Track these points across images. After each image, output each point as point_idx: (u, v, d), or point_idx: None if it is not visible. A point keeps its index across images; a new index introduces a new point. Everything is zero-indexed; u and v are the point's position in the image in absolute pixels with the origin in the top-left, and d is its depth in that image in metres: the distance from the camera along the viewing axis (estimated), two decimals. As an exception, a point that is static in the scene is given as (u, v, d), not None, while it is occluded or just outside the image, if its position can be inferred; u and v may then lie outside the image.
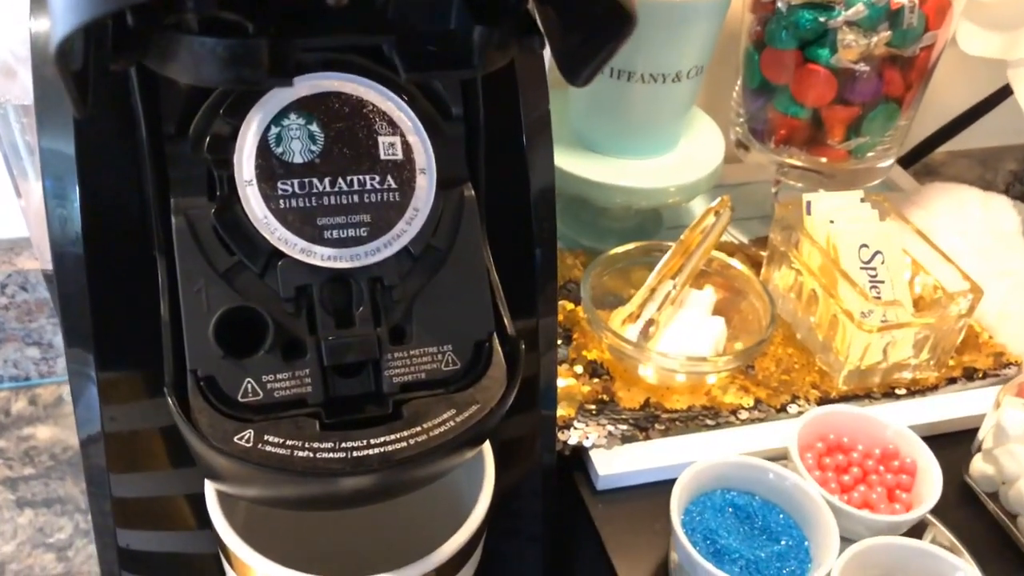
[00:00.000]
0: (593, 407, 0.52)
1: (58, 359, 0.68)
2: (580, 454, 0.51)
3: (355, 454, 0.29)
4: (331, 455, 0.29)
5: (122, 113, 0.32)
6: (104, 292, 0.35)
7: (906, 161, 0.80)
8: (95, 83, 0.28)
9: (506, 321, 0.33)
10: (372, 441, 0.29)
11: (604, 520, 0.49)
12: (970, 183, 0.74)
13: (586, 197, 0.62)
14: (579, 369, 0.55)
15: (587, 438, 0.50)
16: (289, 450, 0.28)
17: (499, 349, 0.32)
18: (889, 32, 0.56)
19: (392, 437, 0.29)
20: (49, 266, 0.49)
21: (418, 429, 0.30)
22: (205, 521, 0.40)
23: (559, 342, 0.57)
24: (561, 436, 0.50)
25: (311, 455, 0.28)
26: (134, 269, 0.34)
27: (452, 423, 0.30)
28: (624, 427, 0.51)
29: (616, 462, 0.50)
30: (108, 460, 0.39)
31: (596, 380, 0.54)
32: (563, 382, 0.54)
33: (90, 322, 0.35)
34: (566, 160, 0.61)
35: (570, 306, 0.59)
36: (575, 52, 0.29)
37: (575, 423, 0.51)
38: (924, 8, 0.57)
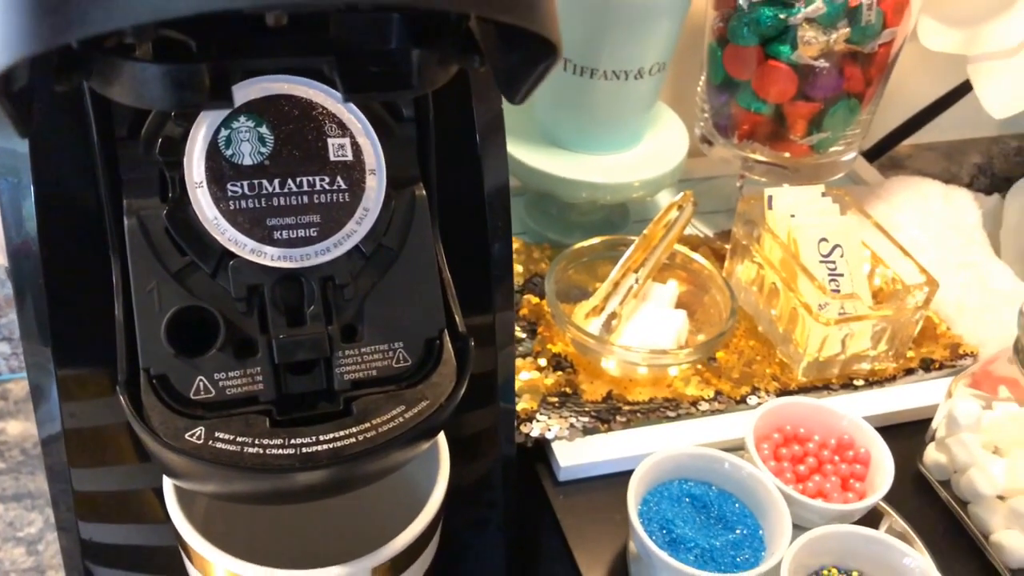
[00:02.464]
0: (556, 400, 0.53)
1: (28, 355, 0.68)
2: (542, 446, 0.52)
3: (304, 450, 0.29)
4: (280, 451, 0.29)
5: (75, 114, 0.32)
6: (61, 290, 0.35)
7: (871, 154, 0.81)
8: (40, 98, 0.28)
9: (457, 318, 0.34)
10: (322, 437, 0.30)
11: (565, 511, 0.50)
12: (935, 176, 0.75)
13: (552, 192, 0.62)
14: (543, 362, 0.56)
15: (549, 430, 0.51)
16: (239, 447, 0.29)
17: (450, 346, 0.33)
18: (848, 29, 0.57)
19: (341, 433, 0.30)
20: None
21: (367, 425, 0.30)
22: (167, 514, 0.40)
23: (524, 336, 0.57)
24: (524, 428, 0.51)
25: (261, 451, 0.29)
26: (91, 267, 0.34)
27: (401, 419, 0.31)
28: (586, 419, 0.52)
29: (577, 454, 0.51)
30: (68, 455, 0.39)
31: (560, 373, 0.55)
32: (527, 375, 0.54)
33: (47, 321, 0.36)
34: (532, 156, 0.62)
35: (535, 300, 0.60)
36: (513, 71, 0.29)
37: (537, 415, 0.52)
38: (882, 5, 0.58)
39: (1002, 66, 0.66)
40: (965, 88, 0.76)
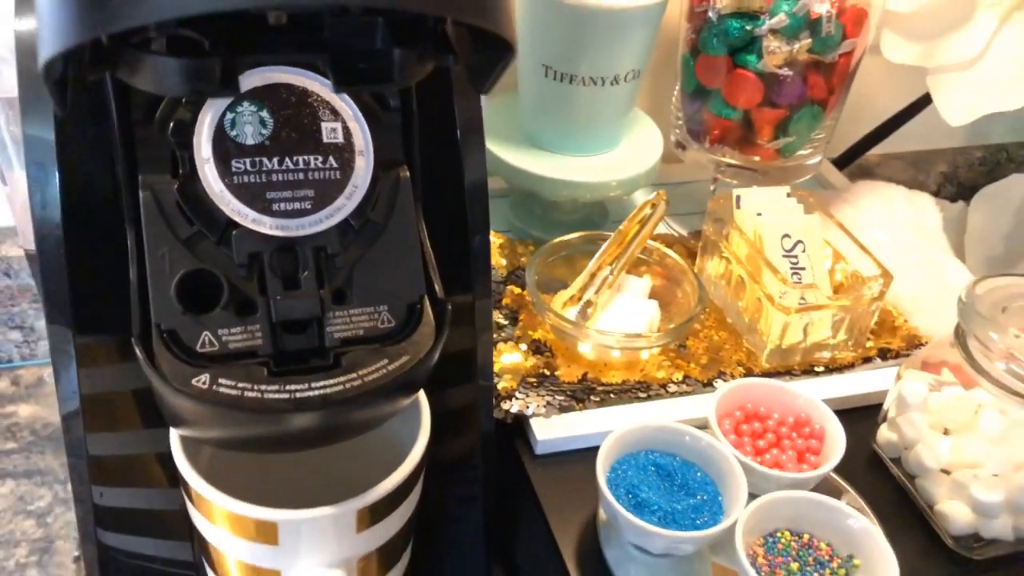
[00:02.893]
0: (534, 380, 0.57)
1: (39, 342, 0.72)
2: (521, 422, 0.55)
3: (298, 395, 0.33)
4: (277, 396, 0.33)
5: (95, 105, 0.36)
6: (81, 264, 0.39)
7: (841, 162, 0.85)
8: (73, 85, 0.32)
9: (436, 286, 0.38)
10: (313, 385, 0.33)
11: (541, 482, 0.54)
12: (903, 184, 0.79)
13: (535, 191, 0.67)
14: (523, 347, 0.59)
15: (527, 407, 0.55)
16: (240, 391, 0.33)
17: (429, 310, 0.37)
18: (810, 40, 0.62)
19: (331, 382, 0.34)
20: (32, 246, 0.54)
21: (354, 375, 0.34)
22: (173, 479, 0.44)
23: (506, 323, 0.61)
24: (504, 405, 0.55)
25: (259, 396, 0.33)
26: (107, 244, 0.38)
27: (385, 371, 0.35)
28: (562, 398, 0.56)
29: (554, 429, 0.54)
30: (85, 421, 0.43)
31: (539, 357, 0.59)
32: (508, 358, 0.58)
33: (68, 291, 0.40)
34: (517, 157, 0.66)
35: (517, 290, 0.63)
36: (480, 67, 0.34)
37: (516, 394, 0.55)
38: (842, 18, 0.62)
39: (959, 77, 0.70)
40: (927, 99, 0.80)
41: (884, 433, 0.56)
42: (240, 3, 0.27)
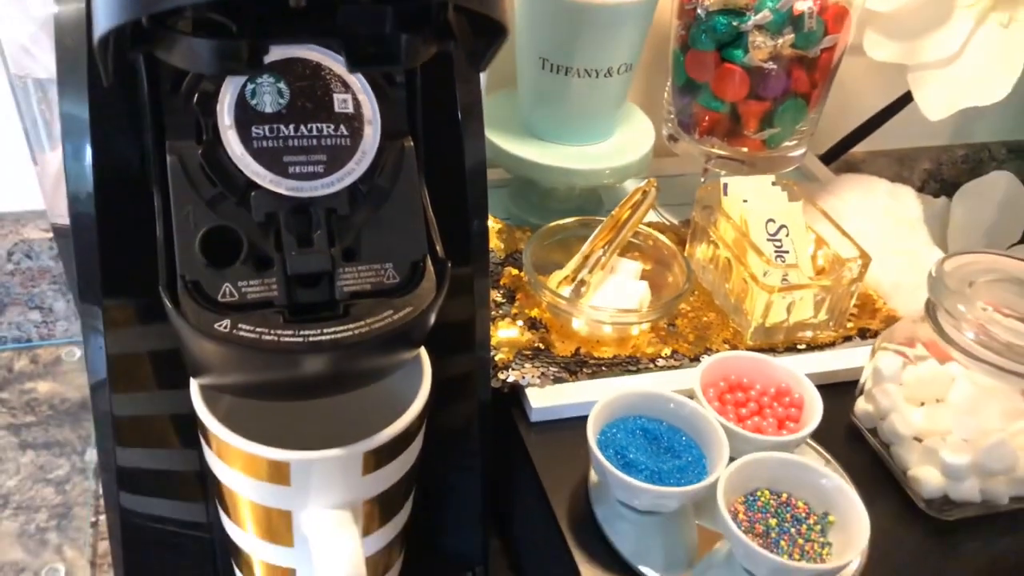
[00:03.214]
0: (529, 352, 0.60)
1: (57, 323, 0.75)
2: (517, 392, 0.58)
3: (311, 339, 0.36)
4: (291, 339, 0.36)
5: (125, 83, 0.40)
6: (110, 232, 0.43)
7: (827, 158, 0.88)
8: (115, 60, 0.36)
9: (438, 247, 0.41)
10: (325, 330, 0.37)
11: (536, 447, 0.57)
12: (888, 180, 0.82)
13: (533, 178, 0.70)
14: (520, 323, 0.62)
15: (523, 377, 0.58)
16: (258, 335, 0.36)
17: (431, 268, 0.40)
18: (792, 35, 0.65)
19: (341, 328, 0.37)
20: (60, 220, 0.57)
21: (362, 323, 0.37)
22: (188, 440, 0.47)
23: (504, 301, 0.65)
24: (501, 375, 0.58)
25: (276, 339, 0.36)
26: (135, 212, 0.41)
27: (390, 319, 0.38)
28: (555, 369, 0.59)
29: (548, 398, 0.58)
30: (111, 382, 0.46)
31: (534, 332, 0.62)
32: (505, 333, 0.61)
33: (98, 258, 0.43)
34: (516, 146, 0.69)
35: (515, 272, 0.67)
36: (478, 49, 0.38)
37: (513, 365, 0.58)
38: (824, 15, 0.66)
39: (937, 74, 0.74)
40: (910, 96, 0.83)
41: (861, 405, 0.59)
42: None
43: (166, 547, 0.52)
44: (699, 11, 0.66)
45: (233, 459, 0.41)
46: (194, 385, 0.42)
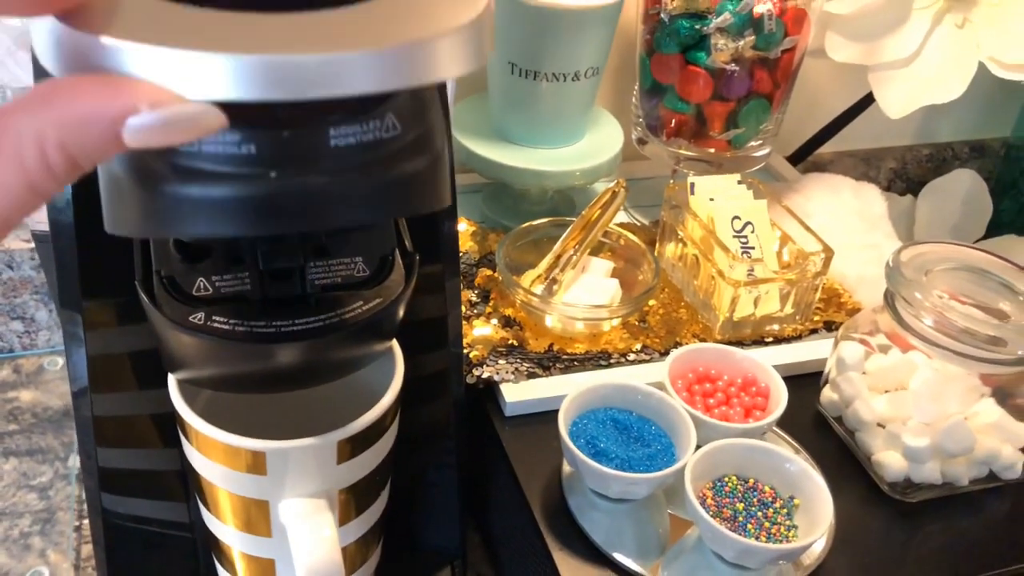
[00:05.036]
0: (503, 349, 0.61)
1: (39, 332, 0.76)
2: (491, 387, 0.60)
3: (283, 329, 0.37)
4: (264, 330, 0.37)
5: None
6: (89, 239, 0.44)
7: (794, 159, 0.90)
8: None
9: (406, 241, 0.42)
10: (297, 321, 0.38)
11: (511, 441, 0.58)
12: (854, 179, 0.84)
13: (505, 181, 0.71)
14: (494, 321, 0.64)
15: (497, 373, 0.59)
16: (232, 326, 0.37)
17: (400, 261, 0.41)
18: (753, 37, 0.67)
19: (312, 319, 0.38)
20: (40, 227, 0.58)
21: (333, 314, 0.38)
22: (169, 440, 0.48)
23: (478, 300, 0.66)
24: (475, 372, 0.59)
25: (249, 329, 0.37)
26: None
27: (360, 310, 0.39)
28: (529, 365, 0.60)
29: (522, 392, 0.59)
30: (91, 382, 0.47)
31: (508, 330, 0.63)
32: (480, 331, 0.63)
33: (77, 263, 0.44)
34: (487, 150, 0.71)
35: (489, 272, 0.68)
36: None
37: (487, 361, 0.60)
38: (784, 17, 0.68)
39: (897, 74, 0.76)
40: (872, 97, 0.85)
41: (826, 394, 0.61)
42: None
43: (149, 548, 0.53)
44: (663, 16, 0.68)
45: (211, 451, 0.42)
46: (172, 380, 0.43)
